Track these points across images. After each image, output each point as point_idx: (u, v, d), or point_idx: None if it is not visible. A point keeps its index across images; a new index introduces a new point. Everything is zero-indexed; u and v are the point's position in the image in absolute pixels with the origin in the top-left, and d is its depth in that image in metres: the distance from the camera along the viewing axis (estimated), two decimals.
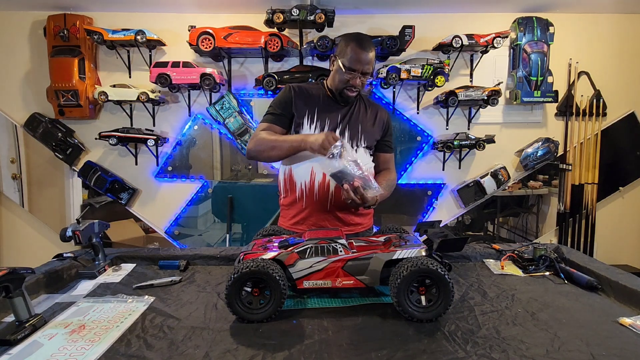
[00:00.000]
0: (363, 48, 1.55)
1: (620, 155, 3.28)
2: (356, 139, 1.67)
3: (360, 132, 1.67)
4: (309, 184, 1.64)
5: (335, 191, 1.62)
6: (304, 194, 1.65)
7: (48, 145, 3.05)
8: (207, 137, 3.20)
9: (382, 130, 1.75)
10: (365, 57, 1.56)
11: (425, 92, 3.12)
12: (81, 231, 1.39)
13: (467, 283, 1.32)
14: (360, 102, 1.74)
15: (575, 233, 3.30)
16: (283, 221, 1.74)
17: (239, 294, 1.05)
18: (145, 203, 3.20)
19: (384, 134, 1.76)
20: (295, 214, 1.68)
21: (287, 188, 1.70)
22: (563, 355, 0.89)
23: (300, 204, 1.67)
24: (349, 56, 1.56)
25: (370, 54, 1.57)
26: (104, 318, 1.07)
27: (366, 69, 1.58)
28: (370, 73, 1.61)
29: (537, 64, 3.03)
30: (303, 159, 1.62)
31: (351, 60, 1.55)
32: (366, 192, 1.39)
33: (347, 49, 1.56)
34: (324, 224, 1.63)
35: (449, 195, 3.26)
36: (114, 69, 3.09)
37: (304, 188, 1.65)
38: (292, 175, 1.68)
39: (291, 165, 1.67)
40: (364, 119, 1.70)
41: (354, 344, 0.94)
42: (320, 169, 1.60)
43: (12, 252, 3.23)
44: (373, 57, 1.59)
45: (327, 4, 2.84)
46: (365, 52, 1.56)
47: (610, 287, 1.25)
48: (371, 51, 1.58)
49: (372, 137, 1.71)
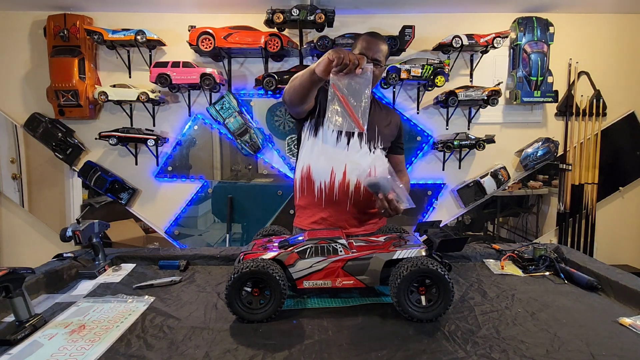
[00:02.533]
0: (373, 37, 1.61)
1: (620, 155, 3.28)
2: (374, 140, 1.67)
3: (377, 133, 1.68)
4: (328, 183, 1.62)
5: (354, 191, 1.61)
6: (323, 193, 1.63)
7: (48, 145, 3.05)
8: (207, 137, 3.20)
9: (396, 133, 1.77)
10: (375, 44, 1.59)
11: (425, 92, 3.12)
12: (81, 231, 1.39)
13: (467, 283, 1.32)
14: (375, 104, 1.74)
15: (575, 233, 3.29)
16: (299, 221, 1.72)
17: (239, 294, 1.05)
18: (145, 203, 3.20)
19: (397, 136, 1.78)
20: (313, 214, 1.67)
21: (304, 187, 1.68)
22: (563, 355, 0.89)
23: (319, 204, 1.65)
24: (360, 46, 1.60)
25: (381, 44, 1.60)
26: (104, 318, 1.07)
27: (377, 56, 1.59)
28: (381, 62, 1.62)
29: (537, 64, 3.03)
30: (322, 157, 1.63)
31: (362, 48, 1.59)
32: (399, 204, 1.39)
33: (359, 41, 1.62)
34: (342, 225, 1.61)
35: (449, 195, 3.26)
36: (114, 69, 3.09)
37: (323, 187, 1.63)
38: (310, 174, 1.65)
39: (310, 163, 1.66)
40: (379, 121, 1.71)
41: (354, 344, 0.94)
42: (341, 169, 1.60)
43: (12, 252, 3.23)
44: (385, 49, 1.62)
45: (327, 4, 2.84)
46: (375, 41, 1.60)
47: (610, 287, 1.25)
48: (382, 41, 1.61)
49: (387, 139, 1.72)
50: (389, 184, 1.37)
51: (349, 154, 1.63)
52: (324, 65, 1.29)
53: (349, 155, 1.63)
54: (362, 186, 1.61)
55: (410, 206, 1.40)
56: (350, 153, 1.63)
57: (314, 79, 1.38)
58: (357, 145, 1.64)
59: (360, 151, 1.64)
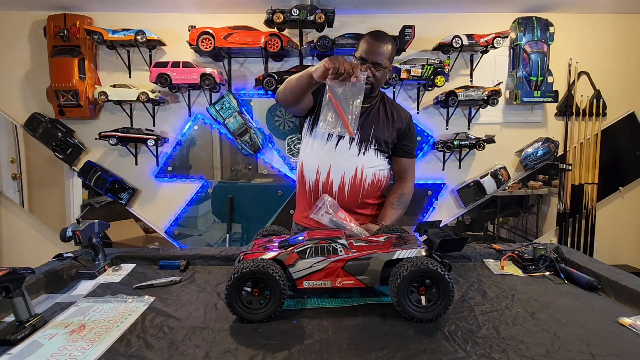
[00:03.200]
0: (375, 39, 1.60)
1: (620, 155, 3.28)
2: (367, 142, 1.67)
3: (371, 135, 1.67)
4: (314, 182, 1.68)
5: (338, 192, 1.65)
6: (311, 190, 1.71)
7: (48, 145, 3.05)
8: (207, 137, 3.20)
9: (398, 133, 1.73)
10: (377, 47, 1.58)
11: (425, 92, 3.12)
12: (81, 231, 1.39)
13: (467, 283, 1.32)
14: (380, 104, 1.74)
15: (575, 233, 3.29)
16: (295, 215, 1.83)
17: (239, 294, 1.05)
18: (145, 203, 3.20)
19: (400, 137, 1.74)
20: (305, 209, 1.73)
21: (300, 182, 1.76)
22: (563, 355, 0.89)
23: (309, 199, 1.71)
24: (362, 48, 1.61)
25: (383, 46, 1.59)
26: (104, 318, 1.07)
27: (378, 59, 1.59)
28: (383, 65, 1.61)
29: (537, 64, 3.03)
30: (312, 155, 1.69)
31: (363, 51, 1.60)
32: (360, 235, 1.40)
33: (361, 42, 1.62)
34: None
35: (449, 195, 3.26)
36: (114, 69, 3.09)
37: (311, 185, 1.70)
38: (302, 170, 1.73)
39: (303, 159, 1.73)
40: (378, 121, 1.70)
41: (354, 344, 0.94)
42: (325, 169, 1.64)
43: (12, 252, 3.23)
44: (388, 50, 1.61)
45: (327, 4, 2.84)
46: (377, 43, 1.59)
47: (610, 287, 1.24)
48: (385, 43, 1.60)
49: (383, 139, 1.70)
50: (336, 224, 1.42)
51: (335, 155, 1.65)
52: (320, 72, 1.35)
53: (335, 156, 1.65)
54: (346, 187, 1.63)
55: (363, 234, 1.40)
56: (337, 154, 1.65)
57: (312, 82, 1.43)
58: (345, 146, 1.65)
59: (348, 152, 1.65)
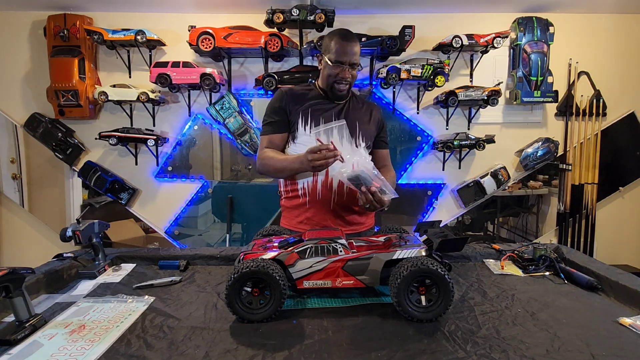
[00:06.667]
0: (347, 40, 1.60)
1: (620, 155, 3.28)
2: (355, 136, 1.67)
3: (358, 129, 1.67)
4: (311, 183, 1.64)
5: (338, 190, 1.62)
6: (306, 193, 1.65)
7: (48, 145, 3.05)
8: (207, 137, 3.20)
9: (378, 127, 1.76)
10: (350, 48, 1.59)
11: (425, 92, 3.12)
12: (81, 231, 1.39)
13: (467, 283, 1.32)
14: (353, 100, 1.75)
15: (575, 233, 3.29)
16: (286, 222, 1.73)
17: (239, 294, 1.05)
18: (145, 203, 3.20)
19: (379, 131, 1.77)
20: (298, 214, 1.68)
21: (289, 189, 1.70)
22: (563, 355, 0.89)
23: (303, 204, 1.66)
24: (335, 49, 1.59)
25: (355, 46, 1.60)
26: (104, 318, 1.07)
27: (353, 60, 1.60)
28: (357, 64, 1.63)
29: (537, 64, 3.03)
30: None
31: (337, 53, 1.59)
32: (383, 196, 1.39)
33: (332, 43, 1.60)
34: (327, 224, 1.62)
35: (449, 195, 3.26)
36: (114, 69, 3.09)
37: (306, 187, 1.65)
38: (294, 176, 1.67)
39: None
40: (359, 116, 1.71)
41: (354, 344, 0.94)
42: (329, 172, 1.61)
43: (12, 252, 3.23)
44: (359, 48, 1.63)
45: (327, 4, 2.84)
46: (350, 44, 1.59)
47: (610, 287, 1.25)
48: (355, 42, 1.61)
49: (369, 134, 1.72)
50: (370, 175, 1.35)
51: None
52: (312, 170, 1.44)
53: None
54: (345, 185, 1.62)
55: (394, 196, 1.41)
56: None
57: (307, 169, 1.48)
58: (338, 144, 1.64)
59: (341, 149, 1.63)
